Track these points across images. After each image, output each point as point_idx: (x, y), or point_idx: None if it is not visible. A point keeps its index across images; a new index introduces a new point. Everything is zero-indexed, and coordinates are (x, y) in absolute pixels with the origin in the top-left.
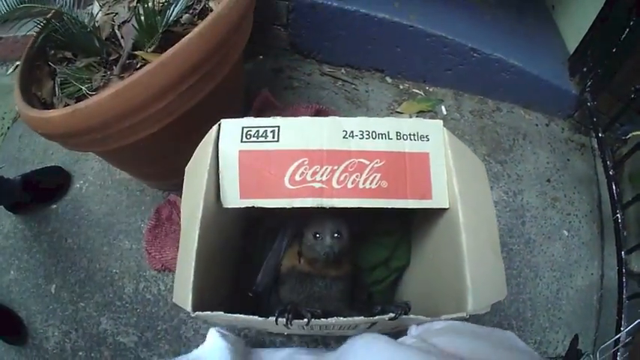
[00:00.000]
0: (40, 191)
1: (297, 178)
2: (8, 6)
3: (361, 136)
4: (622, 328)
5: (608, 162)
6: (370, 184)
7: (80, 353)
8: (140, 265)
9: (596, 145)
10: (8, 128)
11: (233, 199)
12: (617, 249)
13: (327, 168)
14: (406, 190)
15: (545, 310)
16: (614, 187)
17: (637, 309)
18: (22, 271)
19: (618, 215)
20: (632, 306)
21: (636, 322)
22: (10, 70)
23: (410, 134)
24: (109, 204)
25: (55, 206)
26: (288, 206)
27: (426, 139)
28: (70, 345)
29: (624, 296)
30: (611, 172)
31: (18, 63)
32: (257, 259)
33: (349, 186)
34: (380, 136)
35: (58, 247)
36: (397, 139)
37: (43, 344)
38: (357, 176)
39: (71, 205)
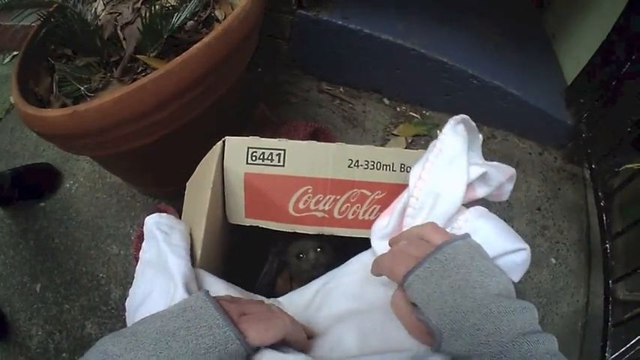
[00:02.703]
0: (28, 187)
1: (301, 205)
2: None
3: (366, 166)
4: (607, 355)
5: (600, 193)
6: (370, 215)
7: (64, 355)
8: (127, 272)
9: (588, 176)
10: (0, 119)
11: (238, 216)
12: (604, 277)
13: (330, 197)
14: None
15: None
16: (604, 217)
17: (621, 336)
18: (7, 267)
19: (607, 245)
20: (617, 333)
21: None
22: (7, 60)
23: None
24: (98, 207)
25: (43, 204)
26: (290, 231)
27: None
28: (53, 345)
29: (610, 323)
30: (602, 203)
31: (15, 53)
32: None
33: (349, 217)
34: (384, 167)
35: (45, 247)
36: (400, 170)
37: (26, 342)
38: (357, 207)
39: (60, 205)
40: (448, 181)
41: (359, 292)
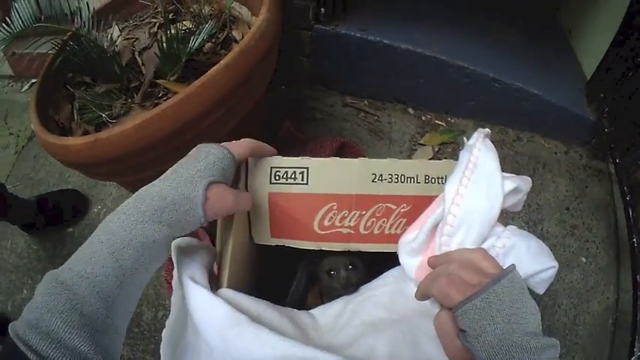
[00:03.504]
0: (54, 214)
1: (326, 223)
2: (23, 23)
3: (390, 180)
4: (635, 349)
5: (625, 187)
6: (396, 229)
7: None
8: (159, 293)
9: (613, 171)
10: (23, 147)
11: (264, 236)
12: (632, 272)
13: (355, 213)
14: None
15: (563, 336)
16: (630, 212)
17: None
18: (34, 291)
19: (635, 240)
20: None
21: None
22: (26, 87)
23: (438, 177)
24: None
25: (71, 229)
26: (316, 248)
27: None
28: None
29: (638, 318)
30: (627, 198)
31: (34, 80)
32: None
33: (375, 232)
34: (408, 179)
35: None
36: (425, 182)
37: None
38: (383, 222)
39: (88, 230)
40: (486, 197)
41: (390, 303)
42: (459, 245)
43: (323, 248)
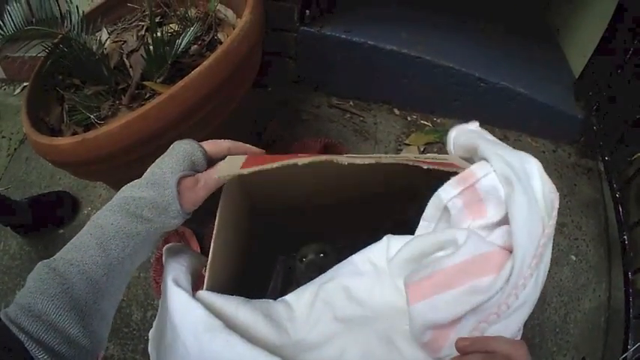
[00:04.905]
0: (46, 215)
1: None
2: (15, 26)
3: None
4: (629, 347)
5: (614, 184)
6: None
7: None
8: (147, 294)
9: (602, 169)
10: (15, 150)
11: (233, 170)
12: (624, 270)
13: None
14: None
15: (554, 334)
16: (620, 209)
17: None
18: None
19: (625, 236)
20: (639, 325)
21: None
22: (18, 91)
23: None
24: None
25: (62, 231)
26: (291, 163)
27: None
28: None
29: (631, 315)
30: (617, 195)
31: (25, 84)
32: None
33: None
34: None
35: None
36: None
37: None
38: None
39: (78, 231)
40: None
41: (365, 297)
42: (499, 332)
43: (298, 162)
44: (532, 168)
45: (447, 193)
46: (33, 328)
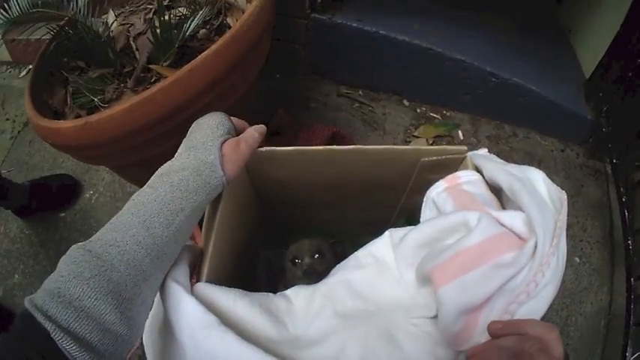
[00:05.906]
0: (47, 198)
1: None
2: (21, 9)
3: None
4: (627, 354)
5: (621, 188)
6: None
7: None
8: None
9: (610, 171)
10: (19, 132)
11: None
12: (626, 275)
13: None
14: None
15: None
16: (626, 212)
17: None
18: (26, 276)
19: (629, 242)
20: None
21: None
22: (23, 73)
23: None
24: None
25: (63, 214)
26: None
27: None
28: None
29: (631, 322)
30: (623, 199)
31: (31, 67)
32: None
33: None
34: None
35: None
36: None
37: None
38: None
39: (80, 215)
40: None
41: (367, 291)
42: (529, 314)
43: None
44: (536, 176)
45: (434, 189)
46: (62, 315)
